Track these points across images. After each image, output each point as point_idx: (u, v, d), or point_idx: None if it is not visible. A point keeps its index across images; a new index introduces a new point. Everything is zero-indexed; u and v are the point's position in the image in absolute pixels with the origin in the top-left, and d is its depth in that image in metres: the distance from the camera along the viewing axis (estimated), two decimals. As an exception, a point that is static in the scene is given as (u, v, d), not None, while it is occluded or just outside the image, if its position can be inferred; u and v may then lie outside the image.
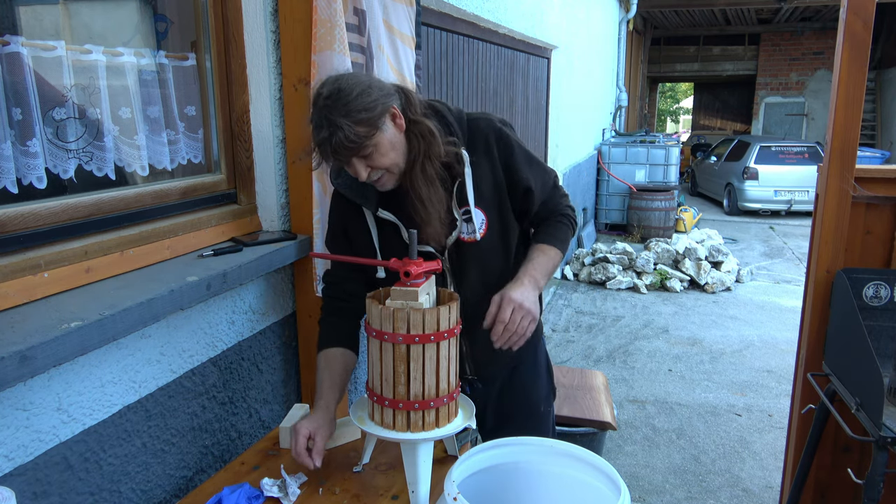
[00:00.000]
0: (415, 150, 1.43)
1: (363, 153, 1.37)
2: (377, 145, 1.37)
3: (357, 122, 1.32)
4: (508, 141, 1.55)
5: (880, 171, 2.15)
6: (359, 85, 1.35)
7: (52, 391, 1.23)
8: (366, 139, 1.34)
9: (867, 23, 2.01)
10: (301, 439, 1.40)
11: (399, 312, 1.25)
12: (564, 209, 1.66)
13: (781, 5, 12.54)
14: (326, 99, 1.33)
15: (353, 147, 1.34)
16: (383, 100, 1.37)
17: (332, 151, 1.35)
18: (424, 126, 1.43)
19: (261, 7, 1.81)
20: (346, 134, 1.31)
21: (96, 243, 1.42)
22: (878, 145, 14.27)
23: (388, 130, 1.39)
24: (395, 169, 1.44)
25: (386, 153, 1.40)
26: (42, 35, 1.38)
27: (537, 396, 1.80)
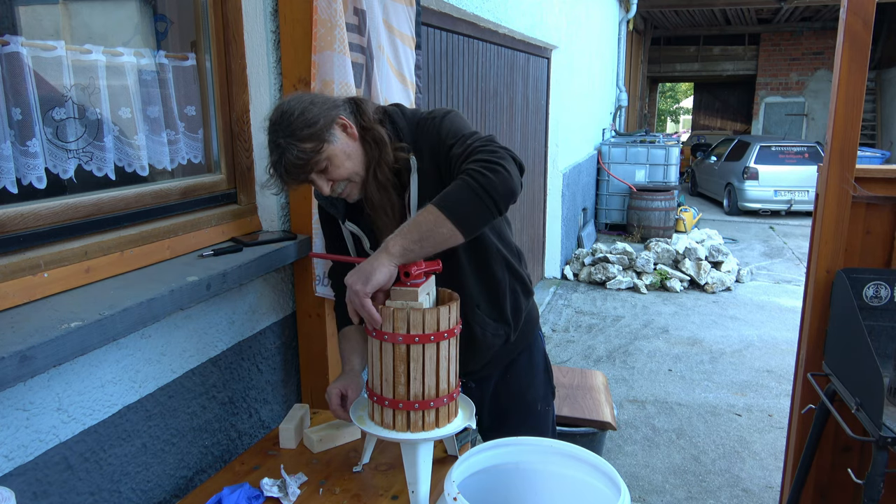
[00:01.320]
0: (370, 158, 1.45)
1: (318, 168, 1.39)
2: (330, 158, 1.39)
3: (301, 139, 1.35)
4: (433, 130, 1.45)
5: (880, 171, 2.15)
6: (300, 104, 1.38)
7: (52, 391, 1.23)
8: (314, 154, 1.36)
9: (867, 23, 2.01)
10: (335, 398, 1.49)
11: (399, 312, 1.25)
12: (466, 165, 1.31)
13: (781, 5, 12.54)
14: (273, 124, 1.38)
15: (303, 163, 1.36)
16: (326, 112, 1.38)
17: (286, 171, 1.37)
18: (376, 132, 1.45)
19: (261, 7, 1.81)
20: (294, 152, 1.34)
21: (96, 243, 1.42)
22: (878, 145, 14.27)
23: (339, 141, 1.40)
24: (355, 178, 1.45)
25: (341, 164, 1.41)
26: (42, 35, 1.38)
27: (534, 395, 1.79)
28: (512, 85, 5.16)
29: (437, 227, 1.26)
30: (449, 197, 1.27)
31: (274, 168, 1.39)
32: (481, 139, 1.37)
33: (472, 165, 1.29)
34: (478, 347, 1.63)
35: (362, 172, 1.45)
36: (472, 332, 1.60)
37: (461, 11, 3.55)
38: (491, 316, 1.62)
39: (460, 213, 1.26)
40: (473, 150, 1.34)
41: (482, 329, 1.61)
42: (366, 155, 1.45)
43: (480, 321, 1.61)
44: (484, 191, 1.26)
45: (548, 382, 1.84)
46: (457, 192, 1.28)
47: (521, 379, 1.77)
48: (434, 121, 1.47)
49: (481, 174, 1.26)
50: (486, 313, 1.62)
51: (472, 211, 1.27)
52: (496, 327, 1.63)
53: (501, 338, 1.65)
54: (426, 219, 1.27)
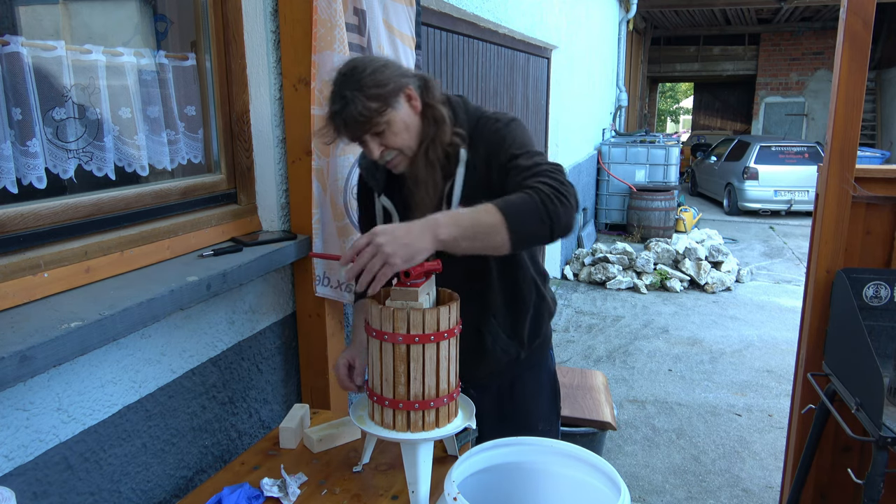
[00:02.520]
0: (425, 134, 1.44)
1: (375, 129, 1.38)
2: (389, 123, 1.38)
3: (368, 96, 1.33)
4: (496, 135, 1.46)
5: (880, 171, 2.15)
6: (374, 63, 1.38)
7: (52, 391, 1.23)
8: (376, 114, 1.35)
9: (867, 23, 2.01)
10: (342, 369, 1.56)
11: (399, 312, 1.25)
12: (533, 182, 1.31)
13: (781, 5, 12.53)
14: (342, 75, 1.37)
15: (363, 121, 1.35)
16: (397, 79, 1.38)
17: (343, 124, 1.36)
18: (438, 111, 1.44)
19: (261, 7, 1.81)
20: (357, 107, 1.33)
21: (96, 243, 1.42)
22: (878, 145, 14.27)
23: (402, 109, 1.40)
24: (407, 150, 1.43)
25: (398, 132, 1.40)
26: (42, 35, 1.38)
27: (536, 415, 1.73)
28: (512, 85, 5.16)
29: (493, 232, 1.24)
30: (515, 208, 1.24)
31: (332, 118, 1.37)
32: (551, 163, 1.36)
33: (544, 187, 1.27)
34: (484, 357, 1.60)
35: (415, 147, 1.44)
36: (483, 340, 1.58)
37: (461, 11, 3.55)
38: (506, 331, 1.60)
39: (520, 229, 1.24)
40: (543, 171, 1.33)
41: (493, 340, 1.59)
42: (422, 131, 1.44)
43: (493, 332, 1.59)
44: (549, 217, 1.25)
45: (552, 403, 1.78)
46: (524, 207, 1.25)
47: (526, 397, 1.72)
48: (498, 123, 1.47)
49: (551, 200, 1.25)
50: (502, 327, 1.59)
51: (531, 231, 1.26)
52: (508, 343, 1.61)
53: (511, 354, 1.62)
54: (486, 220, 1.24)
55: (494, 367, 1.63)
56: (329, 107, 1.38)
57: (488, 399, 1.69)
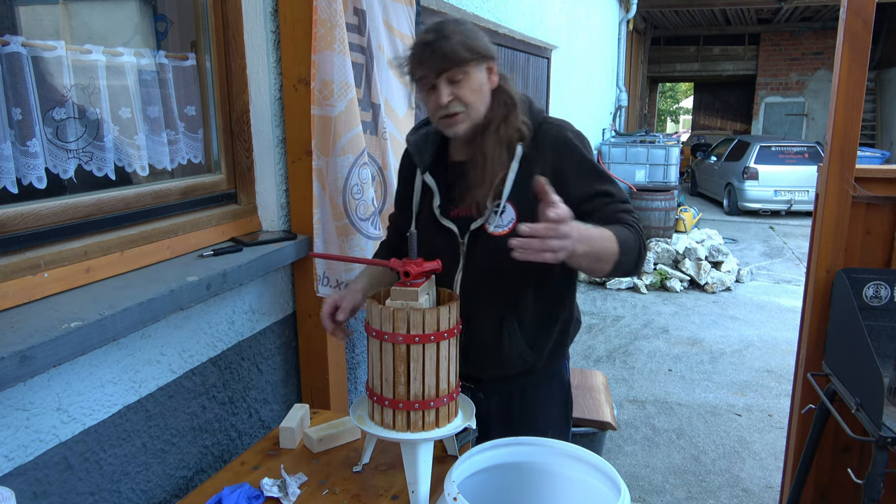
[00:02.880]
0: (495, 112, 1.47)
1: (454, 76, 1.40)
2: (468, 76, 1.41)
3: (463, 43, 1.38)
4: (569, 148, 1.47)
5: (880, 171, 2.15)
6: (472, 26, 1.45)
7: (52, 391, 1.23)
8: (463, 61, 1.38)
9: (867, 23, 2.01)
10: (327, 307, 1.50)
11: (399, 312, 1.25)
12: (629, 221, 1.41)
13: (781, 5, 12.53)
14: (443, 21, 1.43)
15: (452, 57, 1.38)
16: (487, 47, 1.44)
17: (431, 54, 1.38)
18: (511, 95, 1.48)
19: (261, 7, 1.81)
20: (452, 45, 1.36)
21: (96, 243, 1.42)
22: (878, 145, 14.27)
23: (482, 74, 1.44)
24: (473, 113, 1.45)
25: (472, 90, 1.42)
26: (42, 35, 1.38)
27: (545, 424, 1.66)
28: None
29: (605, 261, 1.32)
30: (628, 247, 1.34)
31: (421, 46, 1.40)
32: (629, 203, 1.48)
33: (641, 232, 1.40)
34: (499, 358, 1.55)
35: (480, 116, 1.46)
36: (501, 341, 1.53)
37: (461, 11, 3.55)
38: (527, 340, 1.55)
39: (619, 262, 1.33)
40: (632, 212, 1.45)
41: (511, 344, 1.54)
42: (491, 106, 1.47)
43: (514, 336, 1.54)
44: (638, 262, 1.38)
45: (564, 413, 1.73)
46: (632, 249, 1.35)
47: (536, 403, 1.66)
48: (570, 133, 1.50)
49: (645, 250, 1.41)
50: (524, 335, 1.54)
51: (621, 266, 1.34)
52: (526, 351, 1.55)
53: (527, 363, 1.57)
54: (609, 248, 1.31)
55: (507, 371, 1.58)
56: (420, 38, 1.41)
57: (496, 401, 1.65)
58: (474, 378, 1.63)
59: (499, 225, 1.47)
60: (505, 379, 1.62)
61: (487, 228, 1.48)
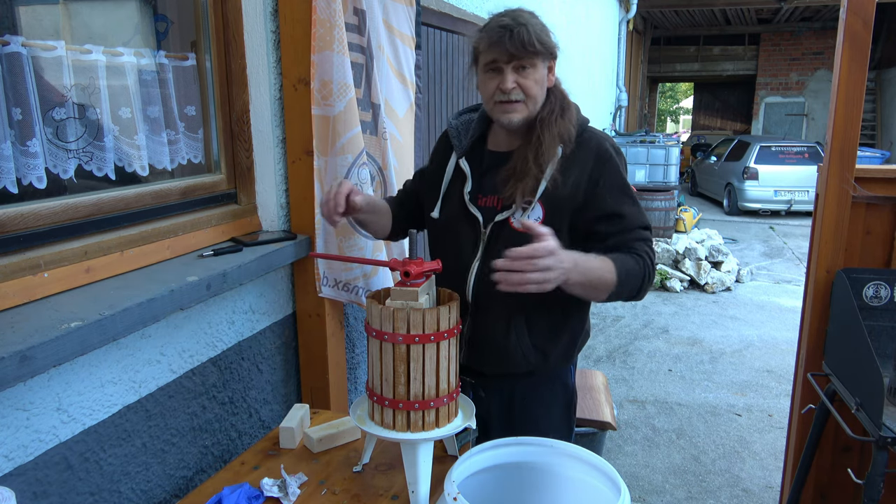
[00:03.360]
0: (551, 105, 1.51)
1: (523, 62, 1.43)
2: (535, 69, 1.45)
3: (539, 37, 1.42)
4: (609, 162, 1.50)
5: (880, 171, 2.15)
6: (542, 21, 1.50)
7: (52, 391, 1.23)
8: (534, 51, 1.42)
9: (867, 23, 2.01)
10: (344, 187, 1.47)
11: (399, 312, 1.25)
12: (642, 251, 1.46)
13: (781, 5, 12.53)
14: (519, 10, 1.46)
15: (523, 47, 1.40)
16: (554, 47, 1.49)
17: (509, 39, 1.40)
18: (565, 96, 1.55)
19: (261, 7, 1.81)
20: (528, 33, 1.40)
21: (96, 243, 1.42)
22: (878, 145, 14.26)
23: (544, 70, 1.49)
24: (531, 104, 1.48)
25: (535, 81, 1.46)
26: (42, 35, 1.38)
27: (546, 426, 1.65)
28: (512, 85, 5.15)
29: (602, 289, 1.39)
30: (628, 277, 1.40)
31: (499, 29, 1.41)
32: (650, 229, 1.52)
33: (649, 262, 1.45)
34: (504, 355, 1.56)
35: (536, 108, 1.49)
36: (507, 337, 1.54)
37: (461, 11, 3.55)
38: (535, 341, 1.56)
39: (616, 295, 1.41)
40: (647, 238, 1.50)
41: (516, 341, 1.54)
42: (544, 103, 1.51)
43: (521, 335, 1.54)
44: (640, 292, 1.45)
45: (566, 417, 1.71)
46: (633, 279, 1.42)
47: (537, 407, 1.66)
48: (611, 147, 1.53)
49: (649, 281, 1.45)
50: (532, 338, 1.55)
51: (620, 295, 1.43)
52: (531, 351, 1.56)
53: (530, 364, 1.57)
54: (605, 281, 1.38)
55: (510, 368, 1.58)
56: (496, 21, 1.43)
57: (498, 400, 1.65)
58: (476, 372, 1.63)
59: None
60: (507, 377, 1.62)
61: (512, 223, 1.50)
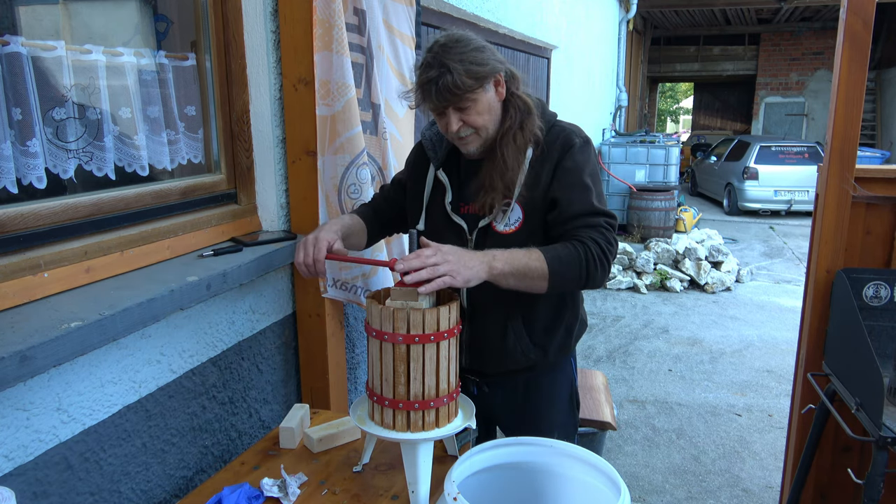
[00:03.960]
0: (510, 120, 1.48)
1: (461, 104, 1.42)
2: (475, 102, 1.43)
3: (467, 71, 1.37)
4: (569, 151, 1.49)
5: (880, 171, 2.15)
6: (475, 41, 1.43)
7: (52, 391, 1.23)
8: (468, 91, 1.39)
9: (867, 23, 2.01)
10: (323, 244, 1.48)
11: (399, 312, 1.25)
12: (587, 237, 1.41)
13: (781, 5, 12.53)
14: (443, 46, 1.40)
15: (457, 94, 1.39)
16: (492, 62, 1.43)
17: (436, 93, 1.39)
18: (525, 101, 1.50)
19: (261, 7, 1.81)
20: (454, 79, 1.37)
21: (96, 243, 1.42)
22: (878, 145, 14.26)
23: (490, 92, 1.45)
24: (483, 132, 1.47)
25: (481, 113, 1.45)
26: (42, 35, 1.38)
27: (551, 421, 1.68)
28: (512, 85, 5.15)
29: (537, 280, 1.37)
30: (561, 264, 1.37)
31: (425, 84, 1.40)
32: (609, 220, 1.45)
33: (593, 247, 1.39)
34: (503, 354, 1.59)
35: (491, 131, 1.48)
36: (505, 338, 1.57)
37: (461, 11, 3.55)
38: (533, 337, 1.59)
39: (559, 282, 1.39)
40: (598, 225, 1.43)
41: (516, 340, 1.57)
42: (503, 117, 1.49)
43: (518, 333, 1.57)
44: (587, 277, 1.39)
45: (570, 413, 1.73)
46: (570, 265, 1.38)
47: (540, 402, 1.68)
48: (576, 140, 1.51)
49: (594, 263, 1.39)
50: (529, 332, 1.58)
51: (567, 285, 1.41)
52: (530, 348, 1.59)
53: (531, 360, 1.60)
54: (535, 268, 1.36)
55: (511, 367, 1.61)
56: (423, 72, 1.41)
57: (501, 394, 1.68)
58: (478, 372, 1.66)
59: (507, 224, 1.51)
60: (509, 374, 1.65)
61: (495, 227, 1.52)
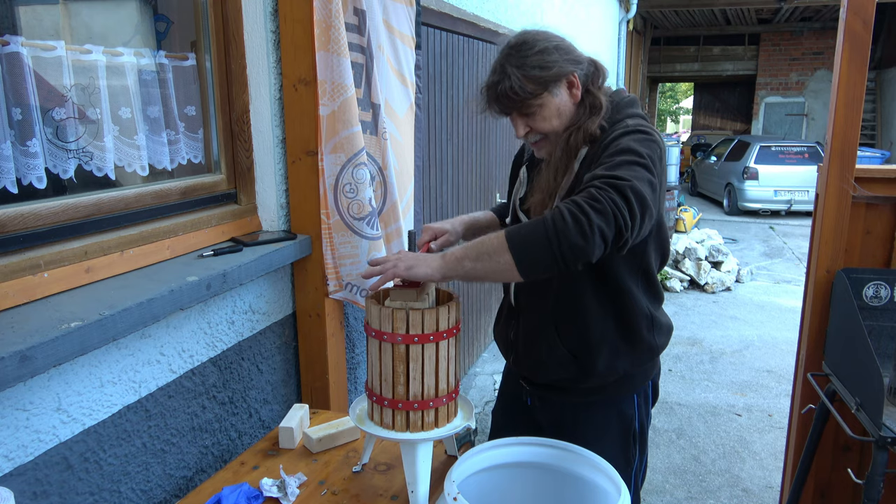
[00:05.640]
0: (576, 120, 1.39)
1: (526, 110, 1.37)
2: (542, 107, 1.36)
3: (528, 76, 1.33)
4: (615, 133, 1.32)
5: (880, 171, 2.15)
6: (544, 42, 1.35)
7: (52, 391, 1.23)
8: (531, 96, 1.34)
9: (867, 23, 2.01)
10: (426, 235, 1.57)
11: (398, 312, 1.25)
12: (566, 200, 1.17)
13: (781, 5, 12.53)
14: (510, 48, 1.36)
15: (516, 99, 1.34)
16: (563, 64, 1.35)
17: (495, 98, 1.36)
18: (598, 99, 1.38)
19: (261, 7, 1.81)
20: (513, 84, 1.32)
21: (96, 243, 1.42)
22: (878, 145, 14.26)
23: (560, 96, 1.37)
24: (553, 135, 1.40)
25: (548, 119, 1.37)
26: (42, 35, 1.38)
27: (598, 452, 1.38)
28: (512, 85, 5.15)
29: (496, 254, 1.16)
30: (521, 231, 1.17)
31: (487, 88, 1.37)
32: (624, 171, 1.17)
33: (566, 205, 1.13)
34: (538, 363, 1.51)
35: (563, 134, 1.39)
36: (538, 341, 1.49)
37: (461, 11, 3.55)
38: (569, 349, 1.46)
39: (525, 251, 1.15)
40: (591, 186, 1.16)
41: (546, 346, 1.48)
42: (575, 117, 1.39)
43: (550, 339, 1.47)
44: (557, 239, 1.12)
45: (622, 450, 1.55)
46: (531, 229, 1.16)
47: (589, 430, 1.52)
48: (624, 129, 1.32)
49: (563, 220, 1.12)
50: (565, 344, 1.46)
51: (538, 252, 1.14)
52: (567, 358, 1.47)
53: (570, 373, 1.48)
54: (490, 242, 1.18)
55: (549, 375, 1.51)
56: (489, 76, 1.38)
57: (550, 417, 1.58)
58: (527, 379, 1.60)
59: None
60: (549, 388, 1.55)
61: None
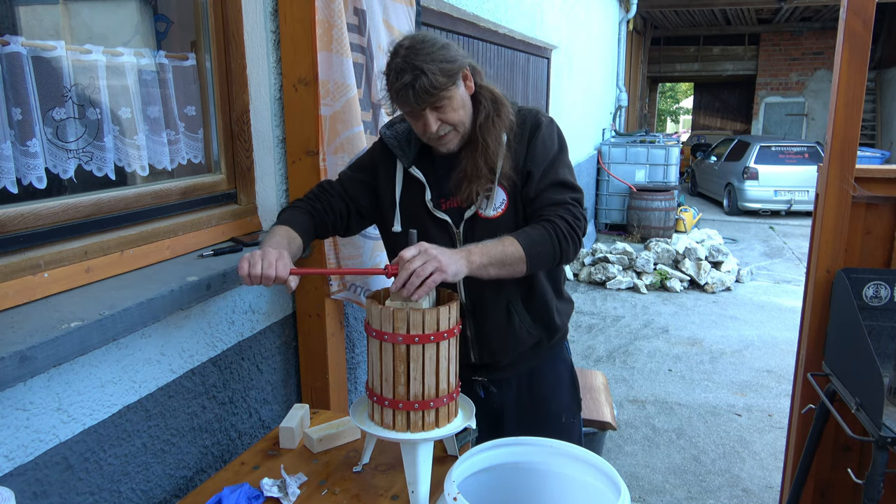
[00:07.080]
0: (484, 111, 1.50)
1: (438, 104, 1.42)
2: (451, 99, 1.43)
3: (440, 70, 1.38)
4: (539, 130, 1.54)
5: (880, 171, 2.15)
6: (439, 39, 1.44)
7: (52, 391, 1.23)
8: (444, 89, 1.40)
9: (867, 23, 2.01)
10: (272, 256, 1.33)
11: (399, 313, 1.25)
12: (554, 216, 1.45)
13: (781, 5, 12.53)
14: (409, 49, 1.39)
15: (433, 93, 1.39)
16: (460, 58, 1.44)
17: (414, 96, 1.38)
18: (493, 92, 1.52)
19: (261, 7, 1.81)
20: (430, 79, 1.37)
21: (96, 243, 1.42)
22: (878, 145, 14.26)
23: (461, 88, 1.47)
24: (461, 127, 1.49)
25: (457, 109, 1.46)
26: (42, 35, 1.38)
27: (558, 406, 1.77)
28: (512, 85, 5.16)
29: (516, 264, 1.40)
30: (535, 244, 1.41)
31: (400, 90, 1.39)
32: (575, 196, 1.51)
33: (561, 224, 1.44)
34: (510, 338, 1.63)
35: (467, 125, 1.50)
36: (510, 322, 1.62)
37: (461, 11, 3.55)
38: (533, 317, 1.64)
39: (536, 262, 1.42)
40: (566, 204, 1.48)
41: (519, 322, 1.63)
42: (476, 110, 1.51)
43: (521, 315, 1.63)
44: (560, 253, 1.44)
45: (573, 394, 1.82)
46: (542, 244, 1.42)
47: (545, 388, 1.75)
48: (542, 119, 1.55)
49: (565, 239, 1.44)
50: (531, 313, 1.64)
51: (543, 263, 1.45)
52: (533, 326, 1.65)
53: (535, 338, 1.66)
54: (512, 253, 1.39)
55: (519, 349, 1.66)
56: (396, 77, 1.40)
57: (509, 394, 1.73)
58: (487, 368, 1.69)
59: (493, 208, 1.53)
60: (516, 363, 1.69)
61: (482, 214, 1.53)
